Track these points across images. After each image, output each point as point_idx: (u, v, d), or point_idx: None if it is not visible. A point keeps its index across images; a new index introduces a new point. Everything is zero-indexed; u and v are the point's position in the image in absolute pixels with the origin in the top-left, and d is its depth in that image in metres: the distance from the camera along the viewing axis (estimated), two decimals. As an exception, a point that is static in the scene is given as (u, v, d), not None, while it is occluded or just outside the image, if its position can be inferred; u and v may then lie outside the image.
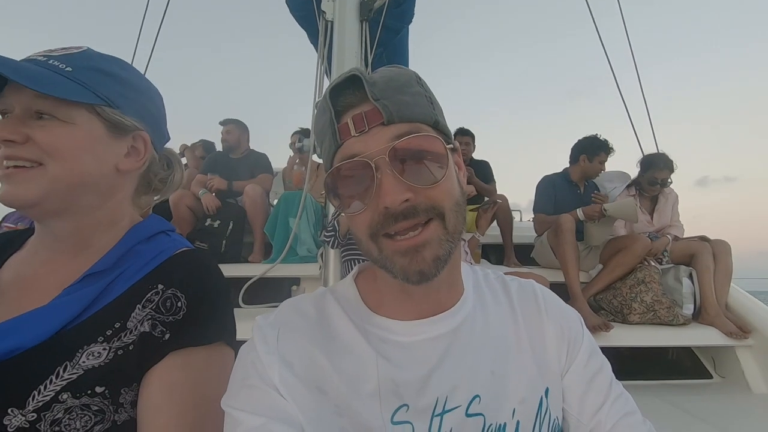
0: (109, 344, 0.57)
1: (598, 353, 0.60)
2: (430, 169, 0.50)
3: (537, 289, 0.63)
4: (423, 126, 0.51)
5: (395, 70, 0.55)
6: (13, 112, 0.59)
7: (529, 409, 0.54)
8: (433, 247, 0.49)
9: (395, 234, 0.49)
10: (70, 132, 0.60)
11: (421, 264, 0.48)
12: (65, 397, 0.53)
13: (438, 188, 0.50)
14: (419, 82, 0.55)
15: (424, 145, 0.50)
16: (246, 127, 3.55)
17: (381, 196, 0.48)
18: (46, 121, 0.59)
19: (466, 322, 0.57)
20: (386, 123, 0.49)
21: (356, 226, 0.52)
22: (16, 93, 0.59)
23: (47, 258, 0.65)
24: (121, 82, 0.65)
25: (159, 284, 0.61)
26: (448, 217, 0.50)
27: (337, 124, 0.51)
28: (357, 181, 0.50)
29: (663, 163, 2.79)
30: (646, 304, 2.31)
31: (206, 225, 3.02)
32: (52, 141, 0.59)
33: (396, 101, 0.50)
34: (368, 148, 0.49)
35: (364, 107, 0.50)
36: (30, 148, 0.58)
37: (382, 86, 0.51)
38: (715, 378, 2.26)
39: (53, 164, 0.59)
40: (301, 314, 0.58)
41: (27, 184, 0.58)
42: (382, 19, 2.74)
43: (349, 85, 0.51)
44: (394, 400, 0.51)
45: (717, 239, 2.58)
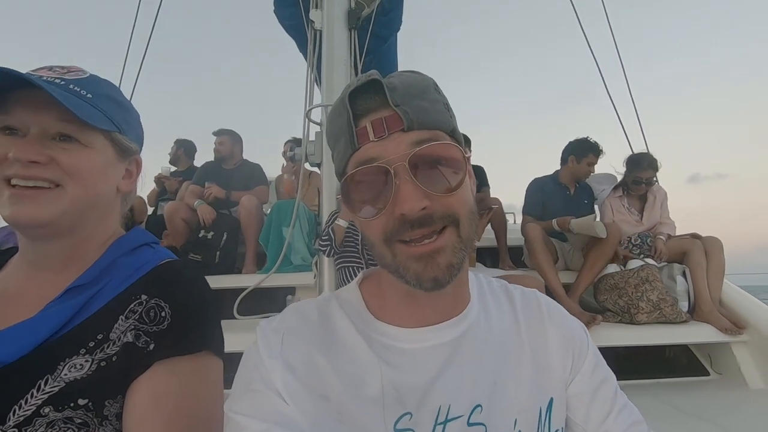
0: (92, 356, 0.56)
1: (603, 363, 0.60)
2: (447, 177, 0.50)
3: (540, 299, 0.63)
4: (441, 133, 0.51)
5: (414, 75, 0.54)
6: (27, 131, 0.59)
7: (531, 419, 0.53)
8: (447, 254, 0.49)
9: (410, 240, 0.49)
10: (90, 156, 0.63)
11: (436, 271, 0.48)
12: (47, 411, 0.52)
13: (454, 196, 0.50)
14: (437, 89, 0.54)
15: (443, 153, 0.50)
16: (239, 138, 3.54)
17: (399, 202, 0.47)
18: (69, 144, 0.61)
19: (470, 330, 0.56)
20: (406, 129, 0.49)
21: (370, 231, 0.52)
22: (34, 113, 0.59)
23: (32, 274, 0.65)
24: (124, 108, 0.69)
25: (142, 294, 0.61)
26: (462, 225, 0.50)
27: (355, 128, 0.51)
28: (373, 185, 0.50)
29: (647, 162, 2.83)
30: (653, 302, 2.30)
31: (200, 236, 3.00)
32: (75, 164, 0.61)
33: (416, 108, 0.50)
34: (388, 153, 0.48)
35: (384, 112, 0.50)
36: (52, 169, 0.59)
37: (402, 92, 0.50)
38: (712, 375, 2.27)
39: (72, 186, 0.61)
40: (305, 319, 0.57)
41: (46, 205, 0.59)
42: (370, 28, 2.77)
43: (369, 89, 0.51)
44: (397, 407, 0.51)
45: (708, 236, 2.60)
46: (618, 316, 2.42)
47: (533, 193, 3.05)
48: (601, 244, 2.53)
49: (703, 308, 2.31)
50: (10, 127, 0.59)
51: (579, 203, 2.99)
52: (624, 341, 2.21)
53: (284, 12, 2.99)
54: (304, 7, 2.79)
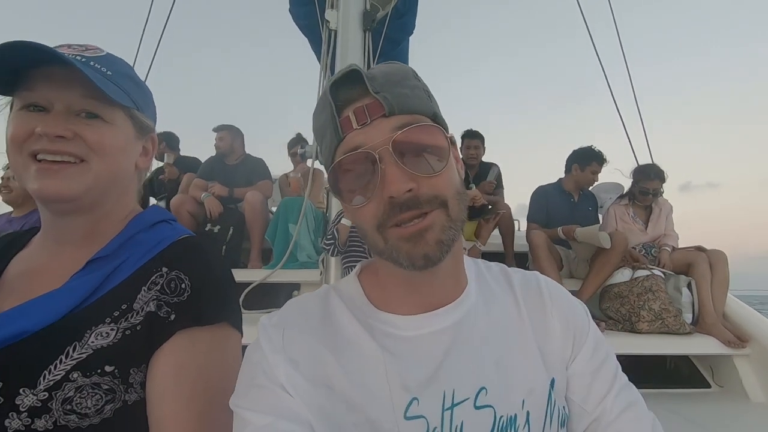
0: (117, 325, 0.58)
1: (604, 343, 0.60)
2: (432, 159, 0.51)
3: (541, 280, 0.63)
4: (423, 117, 0.52)
5: (392, 65, 0.56)
6: (52, 108, 0.61)
7: (539, 399, 0.54)
8: (436, 231, 0.50)
9: (400, 224, 0.50)
10: (113, 132, 0.65)
11: (425, 247, 0.49)
12: (75, 376, 0.54)
13: (440, 177, 0.51)
14: (416, 77, 0.56)
15: (425, 137, 0.51)
16: (240, 132, 3.51)
17: (385, 186, 0.49)
18: (93, 121, 0.63)
19: (470, 314, 0.57)
20: (387, 115, 0.50)
21: (361, 219, 0.53)
22: (58, 90, 0.61)
23: (55, 250, 0.67)
24: (140, 86, 0.71)
25: (163, 267, 0.63)
26: (450, 205, 0.51)
27: (338, 119, 0.52)
28: (360, 173, 0.51)
29: (654, 173, 2.85)
30: (654, 312, 2.30)
31: (206, 230, 3.02)
32: (99, 139, 0.62)
33: (396, 94, 0.51)
34: (371, 139, 0.50)
35: (365, 100, 0.51)
36: (77, 144, 0.61)
37: (381, 80, 0.52)
38: (713, 387, 2.26)
39: (97, 161, 0.63)
40: (305, 313, 0.58)
41: (72, 180, 0.61)
42: (384, 30, 2.79)
43: (349, 80, 0.52)
44: (404, 394, 0.51)
45: (713, 249, 2.61)
46: (619, 324, 2.42)
47: (537, 201, 3.07)
48: (607, 253, 2.53)
49: (707, 320, 2.31)
50: (35, 104, 0.61)
51: (583, 211, 3.01)
52: (626, 350, 2.21)
53: (299, 11, 3.02)
54: (320, 6, 2.82)
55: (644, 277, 2.45)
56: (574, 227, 2.69)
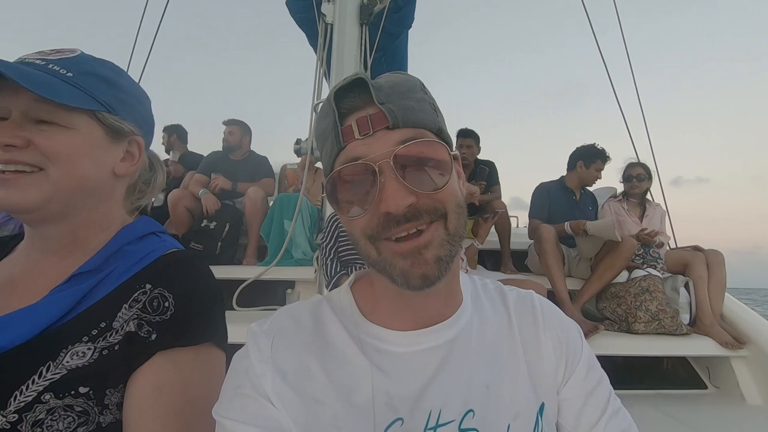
0: (94, 344, 0.55)
1: (597, 367, 0.59)
2: (433, 176, 0.49)
3: (535, 301, 0.62)
4: (427, 132, 0.51)
5: (400, 76, 0.54)
6: (10, 116, 0.58)
7: (525, 424, 0.52)
8: (434, 248, 0.48)
9: (396, 238, 0.48)
10: (71, 137, 0.60)
11: (423, 266, 0.47)
12: (47, 398, 0.51)
13: (441, 193, 0.49)
14: (423, 89, 0.54)
15: (428, 152, 0.49)
16: (249, 129, 3.51)
17: (383, 200, 0.47)
18: (47, 126, 0.59)
19: (463, 333, 0.55)
20: (391, 127, 0.48)
21: (354, 229, 0.51)
22: (12, 96, 0.58)
23: (37, 259, 0.64)
24: (118, 87, 0.66)
25: (147, 284, 0.60)
26: (450, 218, 0.49)
27: (340, 127, 0.50)
28: (359, 184, 0.49)
29: (636, 163, 3.07)
30: (651, 312, 2.29)
31: (202, 226, 3.00)
32: (54, 146, 0.59)
33: (401, 106, 0.49)
34: (372, 151, 0.48)
35: (369, 110, 0.49)
36: (31, 152, 0.58)
37: (387, 91, 0.50)
38: (710, 388, 2.26)
39: (54, 169, 0.59)
40: (297, 322, 0.57)
41: (27, 190, 0.58)
42: (382, 23, 2.75)
43: (354, 88, 0.51)
44: (388, 413, 0.50)
45: (710, 249, 2.60)
46: (616, 324, 2.41)
47: (539, 197, 3.06)
48: (614, 256, 2.50)
49: (704, 321, 2.30)
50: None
51: (584, 209, 3.00)
52: (623, 351, 2.20)
53: (296, 5, 2.98)
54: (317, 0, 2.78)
55: (641, 277, 2.43)
56: (584, 222, 2.67)
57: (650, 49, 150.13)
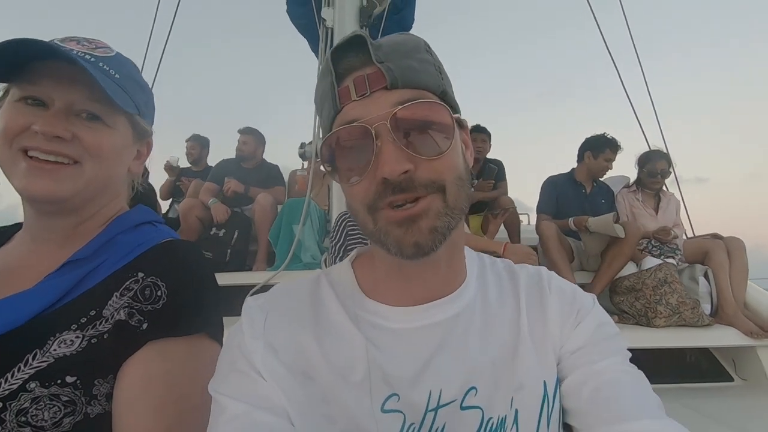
0: (83, 332, 0.54)
1: (611, 327, 0.54)
2: (434, 140, 0.47)
3: (544, 275, 0.59)
4: (429, 94, 0.48)
5: (403, 35, 0.52)
6: (52, 104, 0.59)
7: (529, 397, 0.49)
8: (430, 218, 0.46)
9: (392, 206, 0.46)
10: (112, 137, 0.63)
11: (417, 235, 0.45)
12: (33, 386, 0.51)
13: (441, 160, 0.47)
14: (428, 50, 0.52)
15: (429, 114, 0.47)
16: (263, 139, 3.51)
17: (380, 165, 0.45)
18: (94, 123, 0.61)
19: (466, 310, 0.53)
20: (389, 87, 0.46)
21: (352, 197, 0.49)
22: (62, 87, 0.59)
23: (34, 248, 0.64)
24: (146, 91, 0.69)
25: (139, 272, 0.59)
26: (449, 191, 0.47)
27: (337, 88, 0.48)
28: (355, 149, 0.47)
29: (659, 155, 2.87)
30: (672, 306, 2.19)
31: (211, 234, 3.02)
32: (98, 144, 0.61)
33: (401, 65, 0.47)
34: (369, 113, 0.46)
35: (366, 70, 0.47)
36: (74, 146, 0.59)
37: (387, 49, 0.48)
38: (736, 380, 2.17)
39: (91, 165, 0.61)
40: (292, 298, 0.55)
41: (64, 182, 0.59)
42: (382, 26, 2.76)
43: (353, 46, 0.48)
44: (384, 388, 0.48)
45: (730, 236, 2.51)
46: (634, 319, 2.32)
47: (547, 191, 3.01)
48: (620, 244, 2.44)
49: (727, 311, 2.21)
50: (34, 98, 0.58)
51: (595, 202, 2.92)
52: (642, 343, 2.13)
53: (297, 11, 3.00)
54: (316, 5, 2.80)
55: (656, 266, 2.34)
56: (586, 218, 2.61)
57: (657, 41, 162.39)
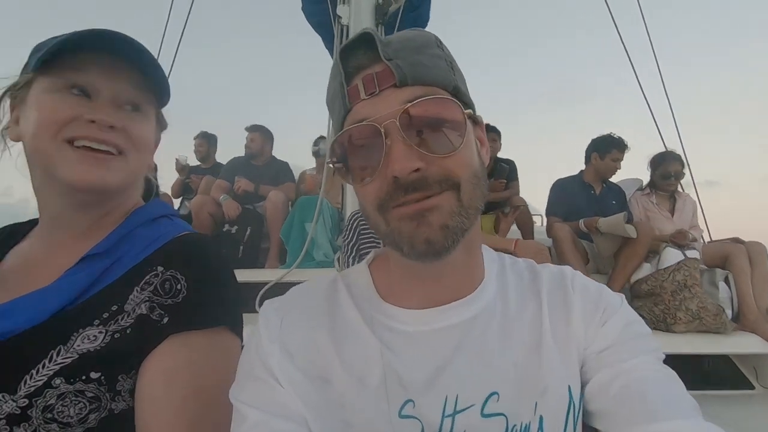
0: (106, 327, 0.54)
1: (641, 326, 0.52)
2: (446, 137, 0.46)
3: (568, 275, 0.57)
4: (440, 90, 0.47)
5: (413, 31, 0.51)
6: (98, 95, 0.59)
7: (554, 403, 0.47)
8: (442, 214, 0.44)
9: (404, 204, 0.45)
10: (150, 128, 0.65)
11: (428, 231, 0.44)
12: (58, 383, 0.50)
13: (453, 158, 0.45)
14: (439, 45, 0.51)
15: (439, 111, 0.46)
16: (271, 135, 3.53)
17: (390, 164, 0.44)
18: (138, 115, 0.62)
19: (484, 312, 0.51)
20: (399, 85, 0.45)
21: (364, 198, 0.49)
22: (110, 78, 0.59)
23: (52, 242, 0.64)
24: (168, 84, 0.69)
25: (158, 266, 0.59)
26: (464, 189, 0.45)
27: (346, 87, 0.48)
28: (366, 148, 0.46)
29: (672, 157, 2.84)
30: (692, 312, 2.12)
31: (224, 231, 3.04)
32: (142, 135, 0.63)
33: (411, 62, 0.46)
34: (378, 111, 0.45)
35: (375, 68, 0.47)
36: (122, 136, 0.60)
37: (396, 46, 0.47)
38: (758, 389, 2.12)
39: (134, 156, 0.62)
40: (309, 300, 0.55)
41: (115, 171, 0.60)
42: (397, 23, 2.74)
43: (361, 44, 0.48)
44: (400, 393, 0.47)
45: (752, 241, 2.45)
46: (652, 324, 2.24)
47: (556, 194, 2.99)
48: (633, 244, 2.40)
49: (749, 317, 2.16)
50: (79, 87, 0.58)
51: (605, 203, 2.87)
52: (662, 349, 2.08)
53: (312, 8, 3.00)
54: (332, 3, 2.79)
55: (675, 266, 2.24)
56: (597, 219, 2.57)
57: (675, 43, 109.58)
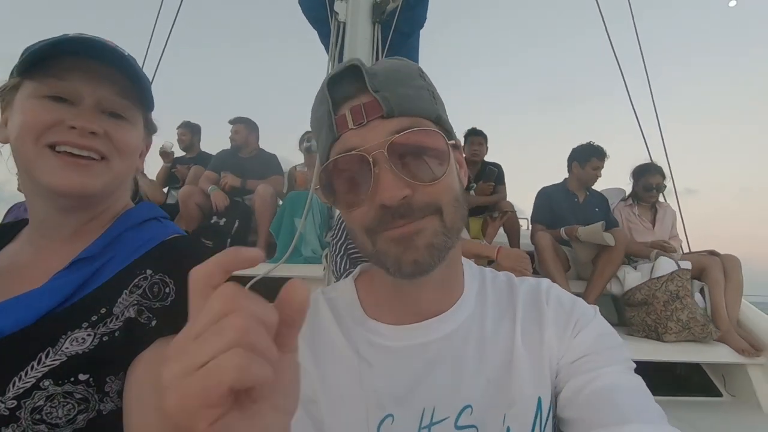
0: (94, 330, 0.55)
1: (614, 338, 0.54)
2: (429, 166, 0.48)
3: (543, 288, 0.59)
4: (424, 120, 0.50)
5: (397, 62, 0.53)
6: (80, 102, 0.59)
7: (522, 414, 0.49)
8: (427, 235, 0.47)
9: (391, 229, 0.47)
10: (134, 134, 0.65)
11: (415, 253, 0.47)
12: (47, 384, 0.51)
13: (438, 185, 0.48)
14: (422, 75, 0.53)
15: (424, 141, 0.48)
16: (255, 126, 3.52)
17: (379, 192, 0.46)
18: (120, 121, 0.63)
19: (462, 327, 0.54)
20: (386, 116, 0.47)
21: (351, 222, 0.51)
22: (92, 85, 0.60)
23: (41, 245, 0.64)
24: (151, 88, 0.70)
25: (147, 269, 0.60)
26: (446, 212, 0.48)
27: (334, 116, 0.49)
28: (353, 175, 0.48)
29: (654, 169, 2.91)
30: (683, 322, 2.19)
31: (212, 222, 3.02)
32: (126, 140, 0.63)
33: (397, 94, 0.48)
34: (366, 141, 0.47)
35: (363, 99, 0.49)
36: (104, 142, 0.61)
37: (382, 78, 0.49)
38: (725, 396, 2.20)
39: (118, 161, 0.63)
40: None
41: (96, 177, 0.61)
42: (394, 22, 2.74)
43: (349, 75, 0.50)
44: (377, 411, 0.49)
45: (727, 254, 2.53)
46: (644, 333, 2.31)
47: (541, 202, 3.05)
48: (610, 251, 2.49)
49: (720, 327, 2.23)
50: (62, 93, 0.59)
51: (588, 211, 2.93)
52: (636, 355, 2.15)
53: (309, 3, 2.97)
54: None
55: (668, 277, 2.30)
56: (577, 227, 2.64)
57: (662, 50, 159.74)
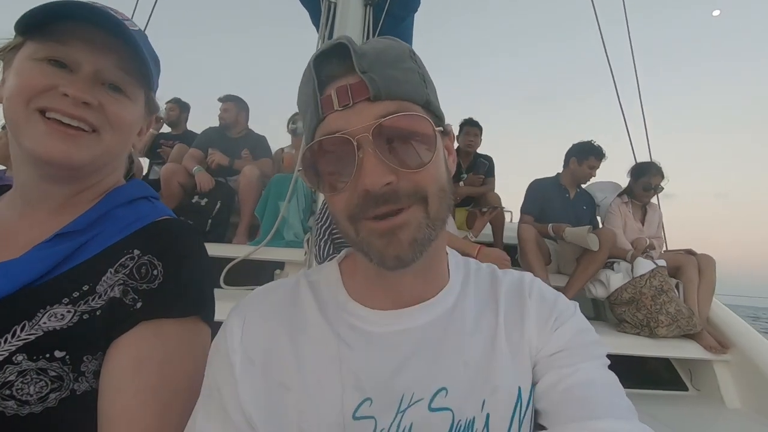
0: (75, 307, 0.53)
1: (591, 334, 0.54)
2: (416, 152, 0.47)
3: (526, 282, 0.59)
4: (412, 105, 0.48)
5: (387, 42, 0.51)
6: (78, 69, 0.56)
7: (502, 402, 0.49)
8: (411, 229, 0.46)
9: (375, 217, 0.46)
10: (132, 110, 0.63)
11: (398, 248, 0.46)
12: (20, 359, 0.49)
13: (423, 172, 0.47)
14: (412, 57, 0.51)
15: (411, 126, 0.47)
16: (245, 105, 3.43)
17: (362, 177, 0.45)
18: (118, 94, 0.60)
19: (445, 315, 0.54)
20: (373, 99, 0.46)
21: (334, 206, 0.50)
22: (93, 53, 0.57)
23: (26, 213, 0.61)
24: (158, 66, 0.67)
25: (135, 249, 0.57)
26: (431, 202, 0.47)
27: (320, 96, 0.48)
28: (337, 159, 0.47)
29: (655, 169, 2.90)
30: (671, 315, 2.26)
31: (193, 202, 2.95)
32: (121, 115, 0.60)
33: (385, 76, 0.47)
34: (351, 124, 0.46)
35: (349, 79, 0.47)
36: (97, 114, 0.58)
37: (371, 58, 0.47)
38: (691, 390, 2.28)
39: (110, 136, 0.60)
40: (271, 302, 0.55)
41: (85, 149, 0.58)
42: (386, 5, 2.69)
43: (336, 53, 0.48)
44: (355, 394, 0.49)
45: (703, 254, 2.60)
46: (636, 328, 2.36)
47: (532, 194, 3.05)
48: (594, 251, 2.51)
49: (691, 324, 2.31)
50: (59, 60, 0.55)
51: (577, 208, 2.98)
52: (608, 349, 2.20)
53: (301, -19, 2.90)
54: (322, -22, 2.70)
55: (650, 273, 2.37)
56: (564, 226, 2.66)
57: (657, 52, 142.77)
